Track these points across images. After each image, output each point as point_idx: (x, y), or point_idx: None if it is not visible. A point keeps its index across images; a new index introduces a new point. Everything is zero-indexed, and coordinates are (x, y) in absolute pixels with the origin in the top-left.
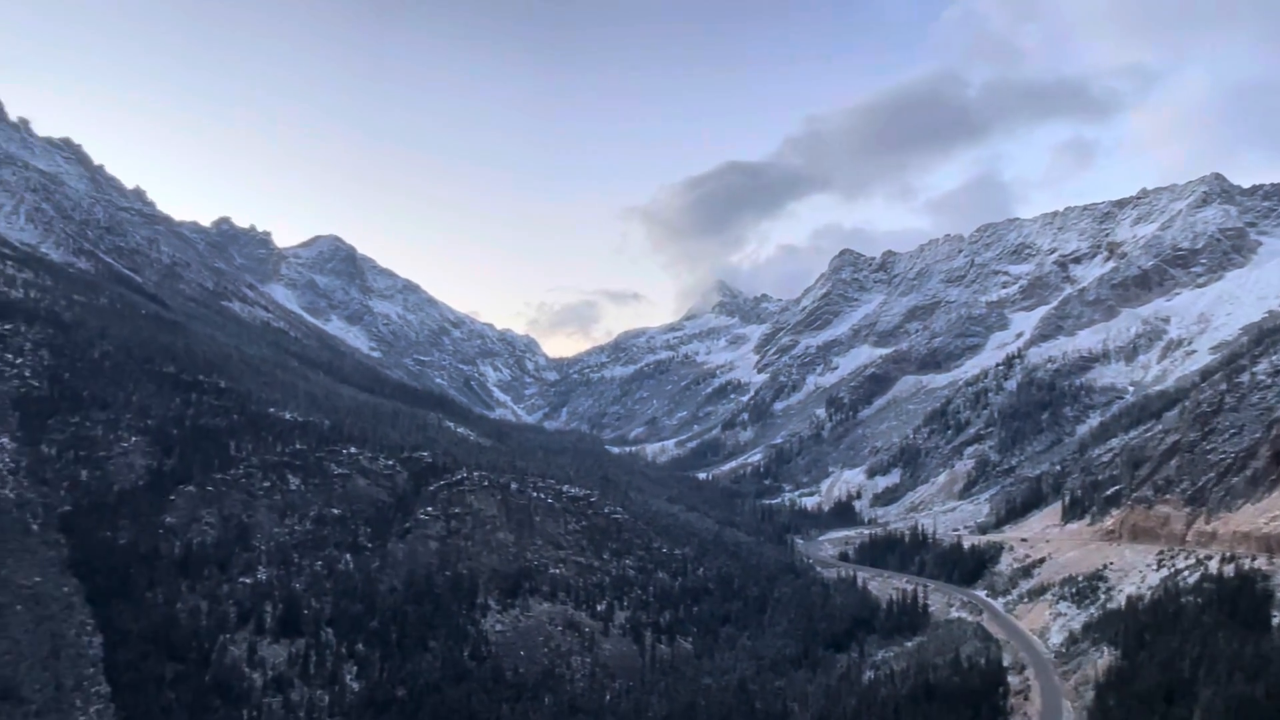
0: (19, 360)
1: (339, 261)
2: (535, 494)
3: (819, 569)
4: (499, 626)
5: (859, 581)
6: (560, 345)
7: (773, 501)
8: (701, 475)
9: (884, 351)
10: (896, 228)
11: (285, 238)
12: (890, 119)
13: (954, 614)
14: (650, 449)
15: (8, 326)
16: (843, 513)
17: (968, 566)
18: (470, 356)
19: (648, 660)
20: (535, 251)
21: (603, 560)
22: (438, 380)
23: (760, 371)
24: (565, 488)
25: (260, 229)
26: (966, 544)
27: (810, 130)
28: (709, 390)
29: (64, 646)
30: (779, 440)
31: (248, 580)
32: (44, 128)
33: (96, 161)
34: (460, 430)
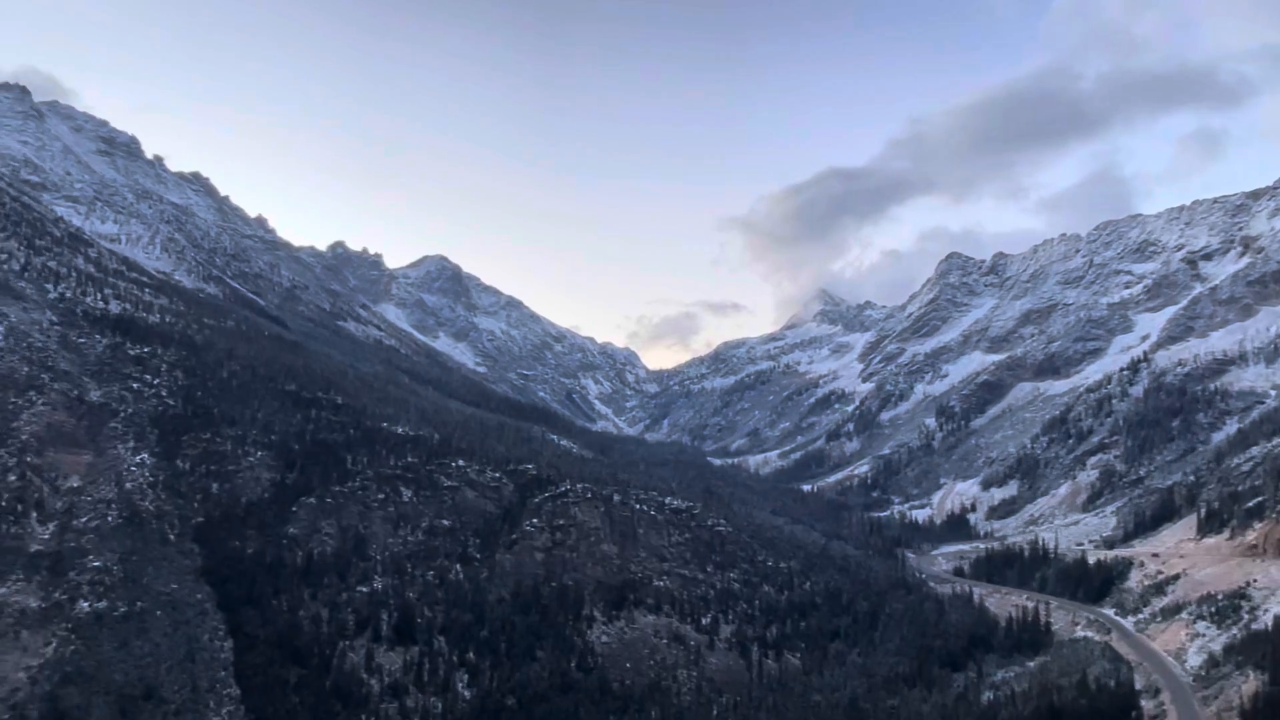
0: (156, 381)
1: (445, 280)
2: (638, 506)
3: (932, 584)
4: (604, 638)
5: (975, 598)
6: (660, 357)
7: (881, 514)
8: (806, 487)
9: (997, 358)
10: (1007, 229)
11: (395, 259)
12: (998, 116)
13: (1079, 633)
14: (753, 461)
15: (146, 349)
16: (956, 526)
17: (1093, 583)
18: (572, 370)
19: (755, 675)
20: (635, 265)
21: (707, 573)
22: (541, 394)
23: (865, 380)
24: (668, 500)
25: (372, 251)
26: (1091, 559)
27: (914, 132)
28: (812, 400)
29: (198, 650)
30: (886, 451)
31: (365, 589)
32: (176, 163)
33: (223, 193)
34: (563, 443)
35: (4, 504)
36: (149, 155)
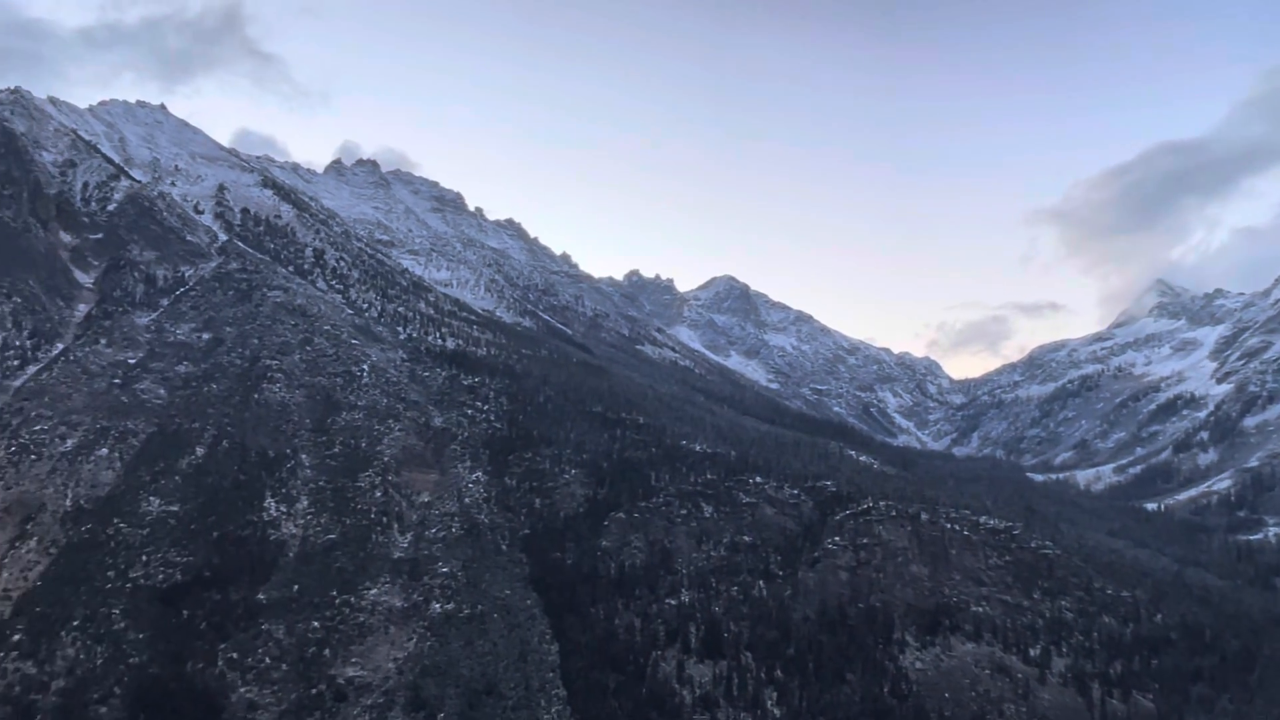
0: (485, 407)
1: (734, 300)
2: (949, 525)
3: None
4: (919, 664)
5: None
6: (965, 366)
7: (1251, 537)
8: (1149, 505)
9: None
10: None
11: (686, 282)
12: None
13: None
14: (1081, 476)
15: (477, 379)
16: None
17: None
18: (868, 383)
19: (1097, 715)
20: (931, 270)
21: (1033, 600)
22: (836, 409)
23: (1220, 381)
24: (983, 519)
25: (664, 277)
26: None
27: (1271, 88)
28: (1152, 407)
29: (530, 652)
30: (1253, 463)
31: (673, 601)
32: (493, 212)
33: (532, 234)
34: (863, 458)
35: (373, 517)
36: (471, 208)
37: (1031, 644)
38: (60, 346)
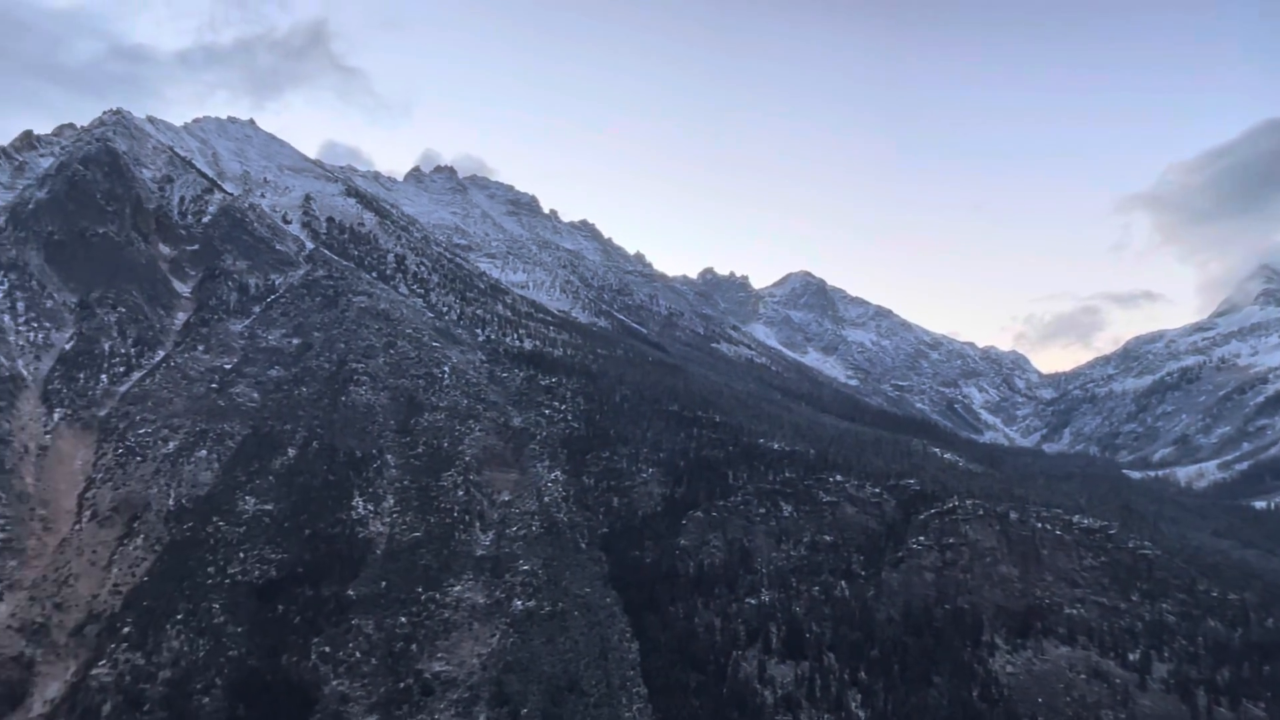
0: (563, 407)
1: (810, 296)
2: (1039, 524)
3: None
4: (1009, 668)
5: None
6: (1055, 359)
7: None
8: (1258, 504)
9: None
10: None
11: (761, 279)
12: None
13: None
14: (1182, 473)
15: (553, 379)
16: None
17: None
18: (951, 378)
19: None
20: (1016, 261)
21: (1131, 602)
22: (918, 405)
23: None
24: (1076, 518)
25: (739, 274)
26: None
27: None
28: (1260, 399)
29: (610, 649)
30: None
31: (753, 601)
32: (567, 214)
33: (606, 235)
34: (947, 456)
35: (456, 515)
36: (545, 210)
37: (1130, 648)
38: (161, 353)
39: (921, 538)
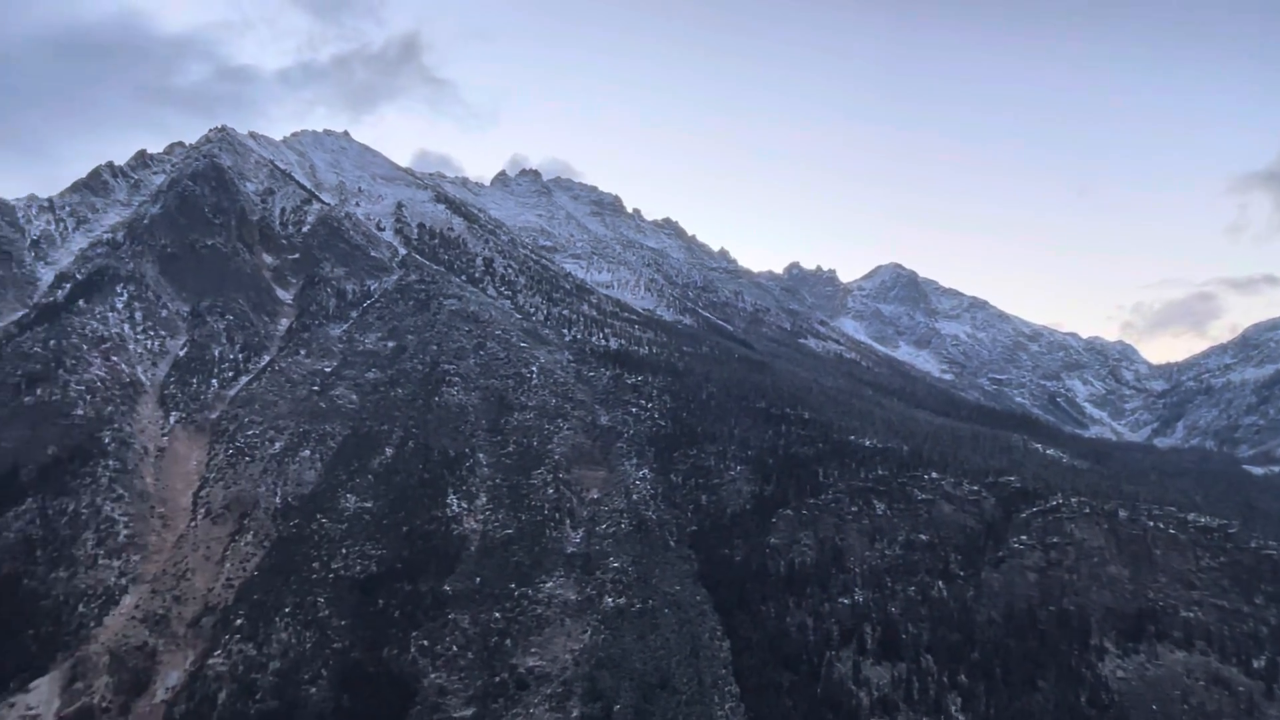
0: (649, 405)
1: (901, 288)
2: (1151, 523)
3: None
4: (1120, 673)
5: None
6: (1166, 349)
7: None
8: None
9: None
10: None
11: (848, 273)
12: None
13: None
14: None
15: (640, 378)
16: None
17: None
18: (1053, 371)
19: None
20: (1122, 248)
21: (1254, 606)
22: (1018, 399)
23: None
24: (1192, 516)
25: (825, 268)
26: None
27: None
28: None
29: (701, 648)
30: None
31: (846, 601)
32: (650, 213)
33: (689, 233)
34: (1050, 452)
35: (546, 513)
36: (629, 210)
37: (1255, 655)
38: (267, 358)
39: (1023, 537)
